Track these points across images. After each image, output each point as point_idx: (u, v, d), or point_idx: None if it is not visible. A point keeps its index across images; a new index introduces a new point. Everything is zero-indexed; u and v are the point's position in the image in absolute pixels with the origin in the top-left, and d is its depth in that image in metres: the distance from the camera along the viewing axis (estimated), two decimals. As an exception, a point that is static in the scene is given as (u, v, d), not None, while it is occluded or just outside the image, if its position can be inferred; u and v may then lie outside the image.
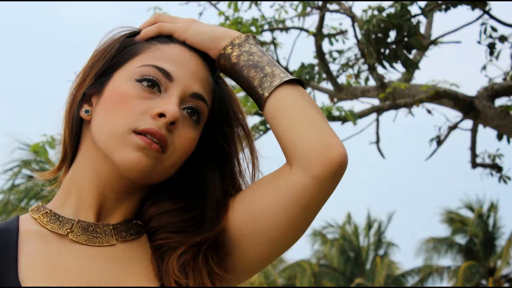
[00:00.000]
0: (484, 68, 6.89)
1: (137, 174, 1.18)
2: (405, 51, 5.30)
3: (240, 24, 6.70)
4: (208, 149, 1.29)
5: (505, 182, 7.33)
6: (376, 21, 5.20)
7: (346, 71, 7.68)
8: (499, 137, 6.75)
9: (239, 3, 7.15)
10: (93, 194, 1.22)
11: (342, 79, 7.69)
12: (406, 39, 5.26)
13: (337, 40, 7.47)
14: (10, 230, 1.19)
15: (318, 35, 7.18)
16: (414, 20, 5.37)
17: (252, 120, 6.57)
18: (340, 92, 7.44)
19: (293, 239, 1.23)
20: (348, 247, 29.24)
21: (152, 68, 1.21)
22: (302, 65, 7.21)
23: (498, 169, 7.38)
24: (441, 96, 6.44)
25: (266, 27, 7.40)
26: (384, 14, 5.31)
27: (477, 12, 6.28)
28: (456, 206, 28.71)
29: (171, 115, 1.17)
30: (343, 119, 6.46)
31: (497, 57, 6.56)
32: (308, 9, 7.33)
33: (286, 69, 7.20)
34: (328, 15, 7.32)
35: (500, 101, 6.75)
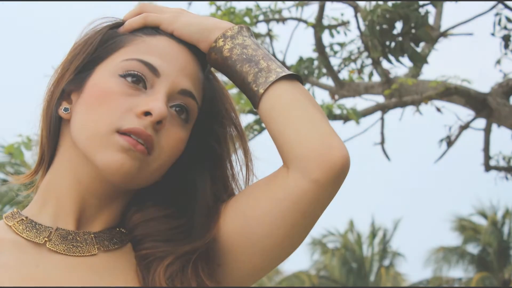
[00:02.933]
0: (498, 62, 6.91)
1: (121, 177, 1.18)
2: (412, 44, 5.31)
3: (232, 15, 6.70)
4: (198, 151, 1.30)
5: (521, 186, 7.35)
6: (380, 11, 5.21)
7: (348, 66, 7.69)
8: (515, 138, 6.76)
9: (232, -9, 7.16)
10: (73, 200, 1.22)
11: (344, 75, 7.71)
12: (413, 30, 5.27)
13: (338, 32, 7.48)
14: (-18, 238, 1.19)
15: (318, 27, 7.18)
16: (422, 10, 5.38)
17: (245, 119, 6.57)
18: (342, 88, 7.45)
19: (290, 249, 1.23)
20: (350, 257, 29.26)
21: (137, 63, 1.21)
22: (301, 59, 7.22)
23: (514, 172, 7.40)
24: (451, 93, 6.46)
25: (261, 17, 7.41)
26: (389, 3, 5.32)
27: (491, 1, 6.30)
28: (468, 212, 28.79)
29: (157, 113, 1.17)
30: (345, 118, 6.47)
31: (512, 51, 6.58)
32: (307, -2, 7.34)
33: (283, 63, 7.21)
34: (328, 5, 7.33)
35: (515, 98, 6.77)
